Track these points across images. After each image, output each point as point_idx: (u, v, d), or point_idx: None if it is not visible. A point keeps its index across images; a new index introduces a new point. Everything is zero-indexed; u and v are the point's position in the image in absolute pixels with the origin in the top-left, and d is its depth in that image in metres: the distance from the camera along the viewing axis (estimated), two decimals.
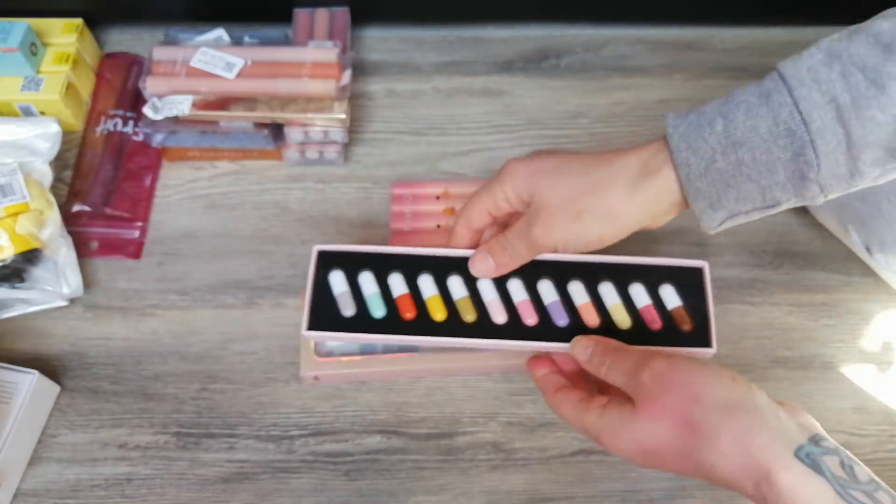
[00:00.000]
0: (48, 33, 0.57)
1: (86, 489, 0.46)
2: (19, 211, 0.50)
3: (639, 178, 0.39)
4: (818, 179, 0.35)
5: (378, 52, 0.63)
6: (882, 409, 0.48)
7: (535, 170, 0.41)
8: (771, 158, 0.35)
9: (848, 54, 0.35)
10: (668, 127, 0.38)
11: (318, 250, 0.44)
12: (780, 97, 0.35)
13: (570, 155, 0.41)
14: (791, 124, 0.35)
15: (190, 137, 0.54)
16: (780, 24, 0.64)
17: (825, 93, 0.34)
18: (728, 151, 0.36)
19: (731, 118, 0.36)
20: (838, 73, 0.35)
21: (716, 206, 0.37)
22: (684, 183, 0.37)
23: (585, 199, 0.39)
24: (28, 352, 0.50)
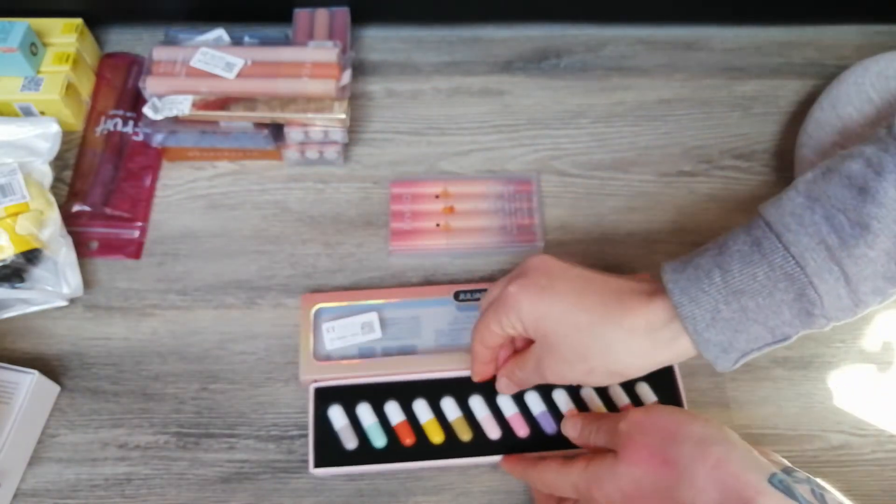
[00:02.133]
0: (48, 33, 0.57)
1: (86, 489, 0.46)
2: (19, 211, 0.50)
3: (649, 348, 0.39)
4: (824, 314, 0.36)
5: (378, 52, 0.63)
6: (882, 409, 0.48)
7: (544, 312, 0.40)
8: (774, 301, 0.36)
9: (826, 197, 0.36)
10: (668, 283, 0.38)
11: (315, 388, 0.47)
12: (769, 244, 0.36)
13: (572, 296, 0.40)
14: (787, 268, 0.36)
15: (190, 137, 0.54)
16: (780, 24, 0.64)
17: (812, 235, 0.35)
18: (731, 300, 0.37)
19: (727, 268, 0.37)
20: (821, 216, 0.36)
21: (728, 349, 0.38)
22: (692, 335, 0.38)
23: (596, 361, 0.40)
24: (28, 352, 0.50)
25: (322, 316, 0.49)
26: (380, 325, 0.49)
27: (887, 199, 0.34)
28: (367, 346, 0.49)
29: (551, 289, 0.40)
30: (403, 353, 0.49)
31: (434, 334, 0.49)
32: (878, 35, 0.64)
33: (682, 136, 0.59)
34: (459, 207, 0.55)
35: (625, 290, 0.40)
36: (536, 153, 0.58)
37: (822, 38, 0.64)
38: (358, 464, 0.45)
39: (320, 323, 0.49)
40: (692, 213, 0.55)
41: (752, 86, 0.61)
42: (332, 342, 0.48)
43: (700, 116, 0.60)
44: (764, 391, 0.49)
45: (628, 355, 0.39)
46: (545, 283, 0.41)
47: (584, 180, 0.57)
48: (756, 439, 0.47)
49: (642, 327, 0.39)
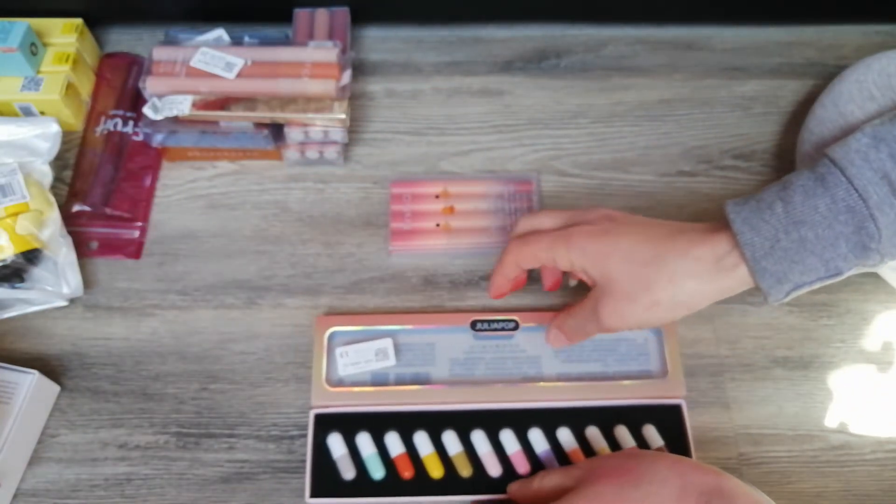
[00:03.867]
0: (48, 33, 0.57)
1: (86, 489, 0.46)
2: (19, 211, 0.50)
3: (714, 273, 0.40)
4: (879, 249, 0.37)
5: (378, 52, 0.63)
6: (882, 409, 0.48)
7: (607, 250, 0.41)
8: (833, 233, 0.37)
9: (893, 137, 0.37)
10: (730, 213, 0.39)
11: (316, 414, 0.46)
12: (834, 178, 0.37)
13: (637, 231, 0.42)
14: (849, 201, 0.37)
15: (190, 137, 0.54)
16: (780, 24, 0.64)
17: (877, 171, 0.36)
18: (790, 230, 0.38)
19: (789, 200, 0.38)
20: (886, 154, 0.37)
21: (783, 280, 0.39)
22: (750, 263, 0.39)
23: (661, 292, 0.40)
24: (28, 352, 0.50)
25: (336, 340, 0.49)
26: (394, 351, 0.48)
27: None
28: (380, 373, 0.48)
29: (616, 230, 0.42)
30: (417, 381, 0.48)
31: (449, 363, 0.49)
32: (878, 35, 0.64)
33: (682, 136, 0.59)
34: (459, 207, 0.55)
35: (687, 227, 0.42)
36: (536, 153, 0.58)
37: (822, 38, 0.64)
38: (355, 496, 0.45)
39: (334, 347, 0.48)
40: (692, 213, 0.55)
41: (752, 86, 0.61)
42: (346, 368, 0.48)
43: (700, 116, 0.60)
44: (764, 391, 0.49)
45: (694, 283, 0.40)
46: (609, 227, 0.42)
47: (584, 180, 0.57)
48: (756, 439, 0.47)
49: (707, 257, 0.40)
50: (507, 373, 0.48)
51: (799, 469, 0.46)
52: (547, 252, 0.43)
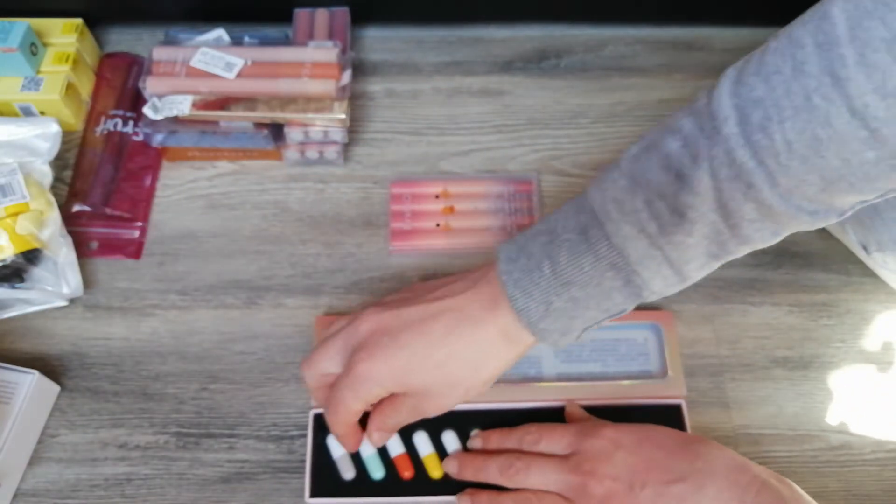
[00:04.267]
0: (48, 33, 0.57)
1: (86, 489, 0.46)
2: (19, 211, 0.50)
3: (507, 348, 0.40)
4: (653, 292, 0.37)
5: (378, 52, 0.63)
6: (882, 409, 0.48)
7: (401, 368, 0.39)
8: (603, 289, 0.37)
9: (647, 181, 0.36)
10: (502, 274, 0.39)
11: (315, 414, 0.46)
12: (595, 232, 0.37)
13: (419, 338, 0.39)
14: (611, 258, 0.37)
15: (190, 137, 0.54)
16: (780, 24, 0.64)
17: (633, 224, 0.36)
18: (561, 292, 0.37)
19: (556, 259, 0.38)
20: (642, 201, 0.36)
21: (566, 332, 0.39)
22: (529, 327, 0.38)
23: (469, 380, 0.40)
24: (28, 352, 0.50)
25: None
26: None
27: (702, 188, 0.34)
28: None
29: (396, 346, 0.39)
30: None
31: None
32: None
33: None
34: (459, 207, 0.55)
35: (465, 305, 0.40)
36: (536, 153, 0.58)
37: None
38: (355, 495, 0.44)
39: None
40: None
41: None
42: None
43: None
44: (764, 391, 0.49)
45: (494, 362, 0.40)
46: (387, 342, 0.39)
47: (584, 180, 0.57)
48: (756, 439, 0.47)
49: (494, 335, 0.39)
50: (506, 374, 0.48)
51: (799, 469, 0.46)
52: (356, 402, 0.40)
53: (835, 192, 0.33)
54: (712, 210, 0.35)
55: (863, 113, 0.30)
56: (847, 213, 0.35)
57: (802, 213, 0.34)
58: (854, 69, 0.30)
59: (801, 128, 0.31)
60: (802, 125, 0.31)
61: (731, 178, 0.33)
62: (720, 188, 0.34)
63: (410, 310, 0.40)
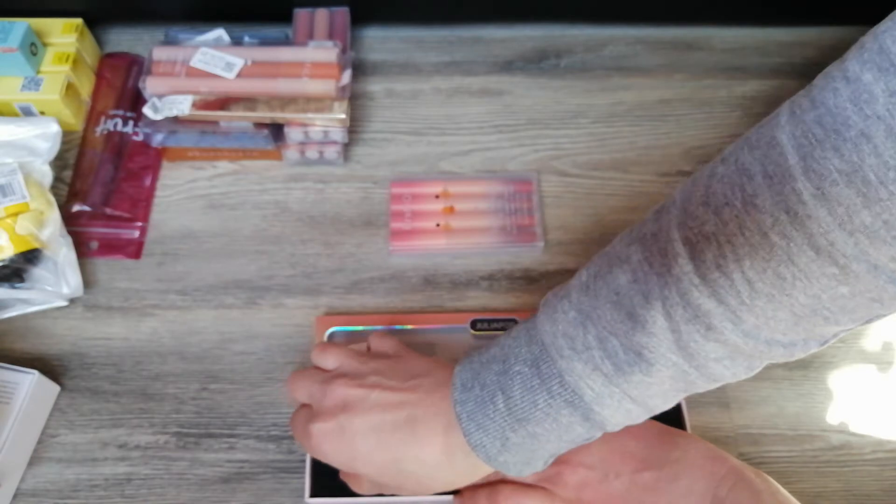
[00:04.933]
0: (48, 33, 0.57)
1: (86, 489, 0.46)
2: (19, 211, 0.50)
3: (459, 472, 0.38)
4: (618, 424, 0.35)
5: (378, 52, 0.63)
6: (882, 409, 0.48)
7: (349, 456, 0.39)
8: (561, 424, 0.34)
9: (597, 317, 0.34)
10: (457, 404, 0.36)
11: None
12: (547, 367, 0.34)
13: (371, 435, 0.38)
14: (566, 396, 0.34)
15: (190, 137, 0.54)
16: (780, 24, 0.64)
17: (587, 362, 0.33)
18: (517, 427, 0.35)
19: (509, 394, 0.35)
20: (594, 337, 0.33)
21: (530, 462, 0.36)
22: (486, 462, 0.36)
23: (418, 488, 0.39)
24: (28, 352, 0.50)
25: (335, 339, 0.49)
26: None
27: (656, 329, 0.32)
28: None
29: (350, 432, 0.38)
30: None
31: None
32: None
33: (682, 136, 0.59)
34: (459, 207, 0.55)
35: (421, 417, 0.37)
36: (536, 153, 0.58)
37: (822, 38, 0.64)
38: (355, 495, 0.44)
39: None
40: None
41: (752, 86, 0.61)
42: None
43: (700, 116, 0.60)
44: (764, 391, 0.49)
45: (440, 481, 0.38)
46: (343, 423, 0.38)
47: (584, 180, 0.57)
48: (756, 439, 0.47)
49: (443, 461, 0.37)
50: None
51: (799, 469, 0.46)
52: (311, 452, 0.41)
53: (810, 326, 0.30)
54: (672, 352, 0.32)
55: (829, 250, 0.27)
56: (830, 340, 0.32)
57: (776, 347, 0.31)
58: (813, 205, 0.27)
59: (761, 266, 0.29)
60: (762, 264, 0.29)
61: (687, 319, 0.31)
62: (677, 330, 0.31)
63: (375, 394, 0.38)
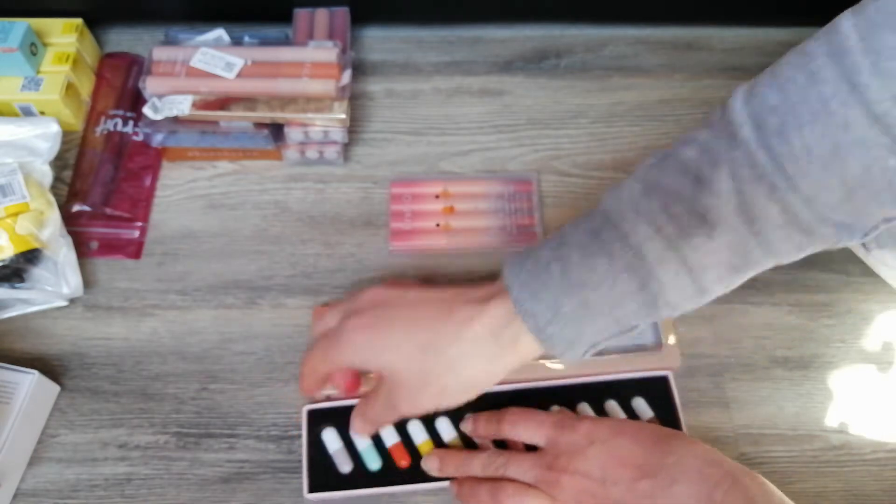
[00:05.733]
0: (48, 33, 0.57)
1: (86, 489, 0.46)
2: (19, 211, 0.50)
3: (495, 352, 0.38)
4: (668, 303, 0.35)
5: (378, 52, 0.63)
6: (882, 409, 0.48)
7: (381, 343, 0.39)
8: (616, 293, 0.35)
9: (664, 185, 0.35)
10: (507, 278, 0.37)
11: (308, 409, 0.46)
12: (609, 234, 0.35)
13: (407, 319, 0.39)
14: (627, 259, 0.34)
15: (190, 137, 0.54)
16: (780, 24, 0.64)
17: (650, 224, 0.34)
18: (571, 294, 0.35)
19: (567, 260, 0.36)
20: (659, 205, 0.35)
21: (574, 343, 0.37)
22: (535, 332, 0.36)
23: (445, 378, 0.38)
24: (28, 352, 0.50)
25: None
26: None
27: (722, 190, 0.33)
28: None
29: (386, 319, 0.39)
30: None
31: None
32: None
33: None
34: (459, 207, 0.55)
35: (459, 300, 0.38)
36: (536, 153, 0.58)
37: None
38: (353, 487, 0.44)
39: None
40: None
41: None
42: None
43: (700, 116, 0.60)
44: (764, 391, 0.49)
45: (474, 366, 0.38)
46: (379, 314, 0.40)
47: (584, 180, 0.57)
48: (756, 439, 0.47)
49: (482, 334, 0.37)
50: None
51: (799, 469, 0.46)
52: (324, 362, 0.41)
53: (858, 203, 0.33)
54: (734, 214, 0.33)
55: (883, 119, 0.30)
56: (871, 232, 0.34)
57: (827, 225, 0.33)
58: (869, 77, 0.30)
59: (820, 132, 0.31)
60: (821, 130, 0.31)
61: (752, 179, 0.33)
62: (742, 190, 0.33)
63: (412, 292, 0.40)
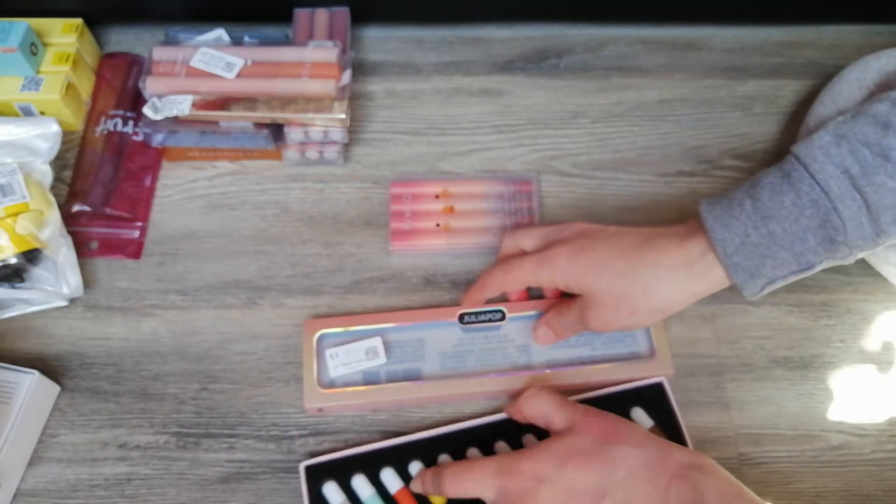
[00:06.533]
0: (48, 33, 0.57)
1: (86, 489, 0.46)
2: (19, 211, 0.50)
3: (687, 279, 0.42)
4: (846, 241, 0.39)
5: (378, 52, 0.63)
6: (882, 409, 0.48)
7: (584, 266, 0.44)
8: (800, 227, 0.39)
9: (853, 133, 0.39)
10: (702, 212, 0.42)
11: (305, 466, 0.45)
12: (798, 174, 0.39)
13: (610, 245, 0.45)
14: (813, 195, 0.39)
15: (190, 137, 0.54)
16: (780, 24, 0.64)
17: (837, 165, 0.38)
18: (759, 225, 0.40)
19: (757, 197, 0.40)
20: (846, 150, 0.39)
21: (756, 275, 0.41)
22: (723, 259, 0.41)
23: (638, 300, 0.43)
24: (28, 352, 0.50)
25: (325, 342, 0.49)
26: (384, 349, 0.48)
27: None
28: (371, 372, 0.48)
29: (590, 246, 0.45)
30: (408, 377, 0.48)
31: (439, 357, 0.49)
32: (878, 35, 0.64)
33: (682, 136, 0.59)
34: (459, 207, 0.55)
35: (659, 234, 0.44)
36: (536, 153, 0.58)
37: (822, 38, 0.64)
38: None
39: (323, 349, 0.48)
40: (692, 213, 0.55)
41: (752, 86, 0.61)
42: (336, 369, 0.48)
43: (700, 116, 0.60)
44: (764, 391, 0.49)
45: (668, 289, 0.43)
46: (584, 243, 0.45)
47: (584, 180, 0.57)
48: (756, 439, 0.47)
49: (678, 263, 0.42)
50: (496, 363, 0.49)
51: (799, 469, 0.46)
52: (532, 276, 0.47)
53: None
54: None
55: None
56: None
57: None
58: None
59: None
60: None
61: None
62: None
63: (611, 227, 0.46)
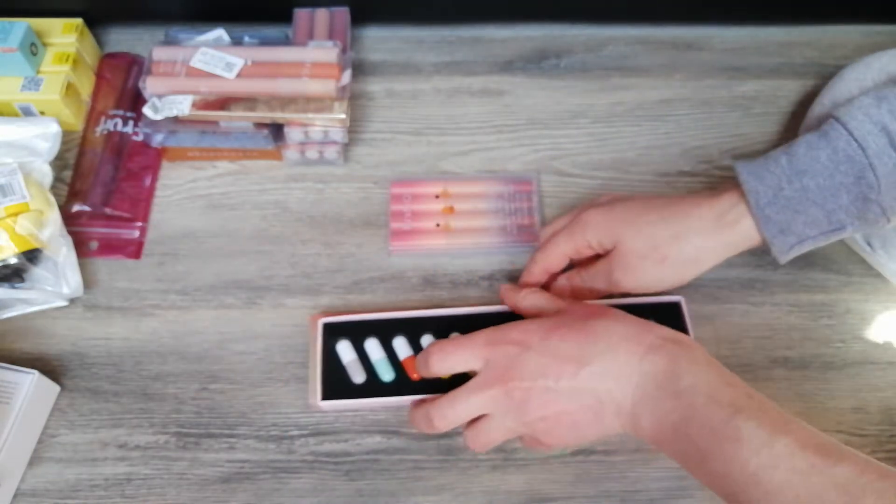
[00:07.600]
0: (48, 33, 0.57)
1: (86, 489, 0.46)
2: (19, 211, 0.50)
3: (717, 229, 0.43)
4: (879, 200, 0.39)
5: (378, 52, 0.63)
6: (882, 409, 0.48)
7: (616, 219, 0.45)
8: (834, 183, 0.39)
9: (894, 95, 0.39)
10: (737, 166, 0.43)
11: (324, 322, 0.48)
12: (835, 132, 0.40)
13: (643, 202, 0.46)
14: (849, 151, 0.39)
15: (190, 137, 0.54)
16: (780, 24, 0.64)
17: (876, 123, 0.39)
18: (793, 179, 0.40)
19: (793, 153, 0.41)
20: (886, 110, 0.39)
21: (786, 231, 0.41)
22: (755, 210, 0.41)
23: (669, 248, 0.44)
24: (28, 352, 0.50)
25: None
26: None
27: None
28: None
29: (621, 205, 0.46)
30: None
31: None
32: (878, 35, 0.64)
33: (682, 136, 0.59)
34: (459, 207, 0.55)
35: (692, 194, 0.45)
36: (536, 153, 0.58)
37: (822, 38, 0.64)
38: (366, 396, 0.46)
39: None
40: None
41: (752, 86, 0.61)
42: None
43: (700, 116, 0.60)
44: (764, 391, 0.49)
45: (699, 238, 0.43)
46: (615, 203, 0.46)
47: (584, 180, 0.57)
48: None
49: (709, 215, 0.43)
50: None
51: None
52: (568, 244, 0.47)
53: None
54: None
55: None
56: None
57: None
58: None
59: None
60: None
61: None
62: None
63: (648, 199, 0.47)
